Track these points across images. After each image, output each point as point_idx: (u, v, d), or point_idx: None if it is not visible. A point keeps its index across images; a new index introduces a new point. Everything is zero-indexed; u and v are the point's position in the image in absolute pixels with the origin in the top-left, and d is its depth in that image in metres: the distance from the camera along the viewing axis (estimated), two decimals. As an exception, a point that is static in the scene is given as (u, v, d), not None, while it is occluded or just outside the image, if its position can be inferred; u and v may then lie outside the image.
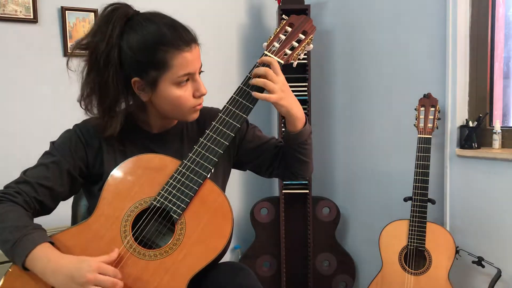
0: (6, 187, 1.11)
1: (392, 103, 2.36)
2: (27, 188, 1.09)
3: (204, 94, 1.15)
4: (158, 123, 1.22)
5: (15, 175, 1.14)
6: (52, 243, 1.04)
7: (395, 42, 2.32)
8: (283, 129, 2.46)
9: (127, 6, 1.13)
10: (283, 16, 1.24)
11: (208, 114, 1.30)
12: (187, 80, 1.12)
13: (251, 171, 1.37)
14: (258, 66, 1.17)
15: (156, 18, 1.11)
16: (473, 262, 1.92)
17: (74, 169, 1.15)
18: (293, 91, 1.19)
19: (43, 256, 1.00)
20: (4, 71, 2.01)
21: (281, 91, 1.13)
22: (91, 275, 0.96)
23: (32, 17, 2.04)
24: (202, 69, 1.17)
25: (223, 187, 1.28)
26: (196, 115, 1.19)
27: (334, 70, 2.67)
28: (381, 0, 2.38)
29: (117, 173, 1.11)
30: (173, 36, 1.09)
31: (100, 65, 1.09)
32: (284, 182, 2.49)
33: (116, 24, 1.09)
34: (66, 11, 2.11)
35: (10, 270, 1.04)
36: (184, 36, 1.10)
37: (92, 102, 1.13)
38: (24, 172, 1.13)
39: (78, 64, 1.13)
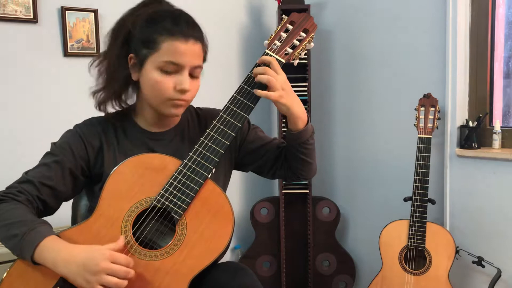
0: (9, 187, 1.11)
1: (392, 103, 2.36)
2: (29, 188, 1.09)
3: (184, 90, 1.11)
4: (154, 118, 1.21)
5: (16, 176, 1.14)
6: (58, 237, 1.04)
7: (395, 42, 2.32)
8: (284, 129, 2.46)
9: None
10: (283, 16, 1.24)
11: (209, 114, 1.31)
12: (173, 71, 1.11)
13: (253, 172, 1.36)
14: (258, 66, 1.16)
15: (169, 6, 1.19)
16: (473, 262, 1.92)
17: (76, 168, 1.15)
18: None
19: (53, 247, 1.00)
20: (3, 71, 2.00)
21: (281, 89, 1.13)
22: (105, 263, 0.95)
23: (32, 17, 2.03)
24: (200, 69, 1.17)
25: (224, 188, 1.28)
26: (175, 111, 1.15)
27: (334, 70, 2.67)
28: (381, 0, 2.38)
29: (117, 173, 1.10)
30: (172, 24, 1.11)
31: (112, 38, 1.17)
32: (284, 182, 2.49)
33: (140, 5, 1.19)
34: (66, 11, 2.11)
35: (9, 270, 1.03)
36: (183, 28, 1.11)
37: (100, 80, 1.19)
38: (26, 173, 1.13)
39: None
